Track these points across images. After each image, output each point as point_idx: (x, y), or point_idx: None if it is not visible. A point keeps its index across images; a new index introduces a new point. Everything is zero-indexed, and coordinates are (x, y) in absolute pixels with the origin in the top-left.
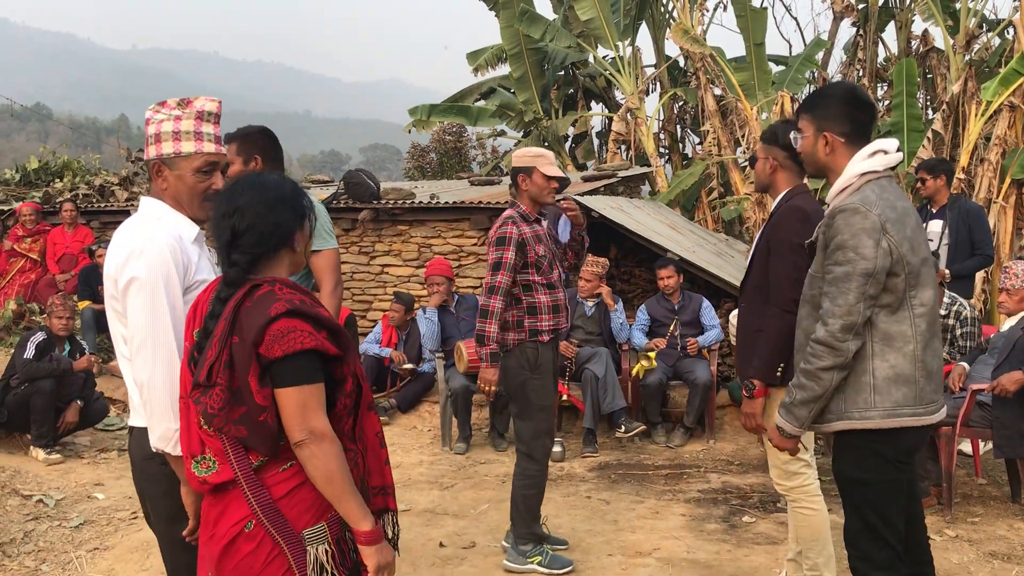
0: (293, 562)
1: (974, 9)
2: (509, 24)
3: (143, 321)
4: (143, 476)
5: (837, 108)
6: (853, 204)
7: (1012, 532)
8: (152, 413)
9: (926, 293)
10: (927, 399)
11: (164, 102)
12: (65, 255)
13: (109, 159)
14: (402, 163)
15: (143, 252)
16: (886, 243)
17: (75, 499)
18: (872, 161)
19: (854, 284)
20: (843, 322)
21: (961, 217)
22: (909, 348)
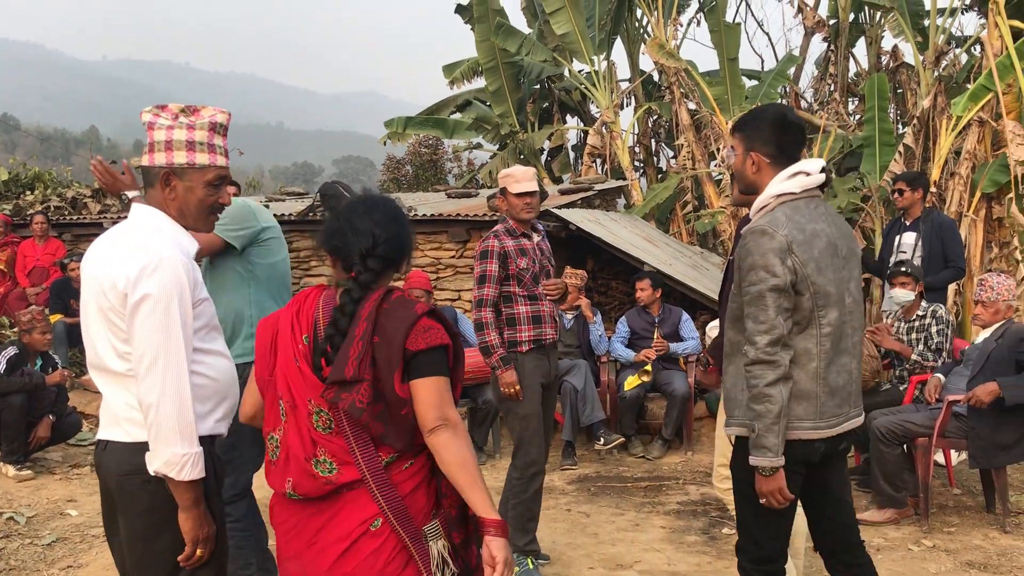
0: (419, 559)
1: (942, 26)
2: (485, 38)
3: (155, 341)
4: (120, 492)
5: (765, 130)
6: (761, 226)
7: (988, 541)
8: (158, 436)
9: (833, 313)
10: (829, 414)
11: (164, 106)
12: (36, 268)
13: (80, 171)
14: (376, 175)
15: (157, 269)
16: (791, 262)
17: (47, 516)
18: (790, 183)
19: (769, 300)
20: (769, 337)
21: (934, 230)
22: (812, 365)
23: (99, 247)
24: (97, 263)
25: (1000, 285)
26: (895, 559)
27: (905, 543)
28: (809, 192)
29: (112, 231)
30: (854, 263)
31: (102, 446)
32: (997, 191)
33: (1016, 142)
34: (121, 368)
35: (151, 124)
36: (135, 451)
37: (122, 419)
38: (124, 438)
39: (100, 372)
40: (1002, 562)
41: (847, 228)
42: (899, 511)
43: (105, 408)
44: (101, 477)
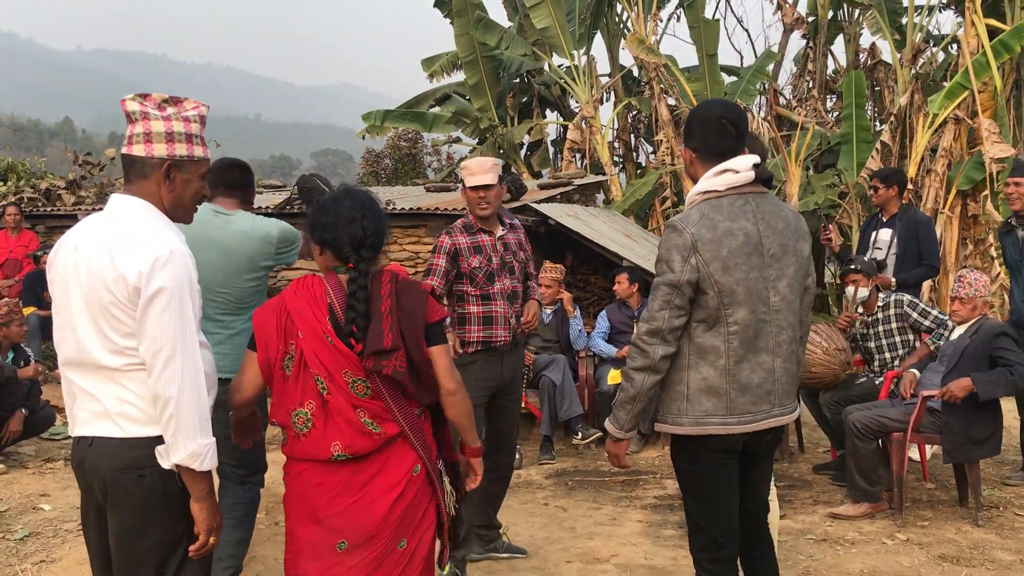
0: (441, 494)
1: (920, 24)
2: (464, 31)
3: (172, 334)
4: (114, 487)
5: (694, 127)
6: (673, 222)
7: (960, 535)
8: (179, 429)
9: (741, 312)
10: (740, 410)
11: (148, 95)
12: (9, 260)
13: (54, 162)
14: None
15: (168, 262)
16: (694, 260)
17: (19, 510)
18: (715, 180)
19: (660, 293)
20: (648, 327)
21: (910, 228)
22: (721, 362)
23: (82, 239)
24: (89, 256)
25: (977, 281)
26: (869, 552)
27: (879, 537)
28: (737, 189)
29: (89, 223)
30: (788, 261)
31: (87, 442)
32: (972, 188)
33: (991, 140)
34: (115, 363)
35: (144, 114)
36: (130, 447)
37: (114, 414)
38: (117, 433)
39: (82, 368)
40: (974, 555)
41: (791, 224)
42: (873, 505)
43: (86, 404)
44: (84, 473)
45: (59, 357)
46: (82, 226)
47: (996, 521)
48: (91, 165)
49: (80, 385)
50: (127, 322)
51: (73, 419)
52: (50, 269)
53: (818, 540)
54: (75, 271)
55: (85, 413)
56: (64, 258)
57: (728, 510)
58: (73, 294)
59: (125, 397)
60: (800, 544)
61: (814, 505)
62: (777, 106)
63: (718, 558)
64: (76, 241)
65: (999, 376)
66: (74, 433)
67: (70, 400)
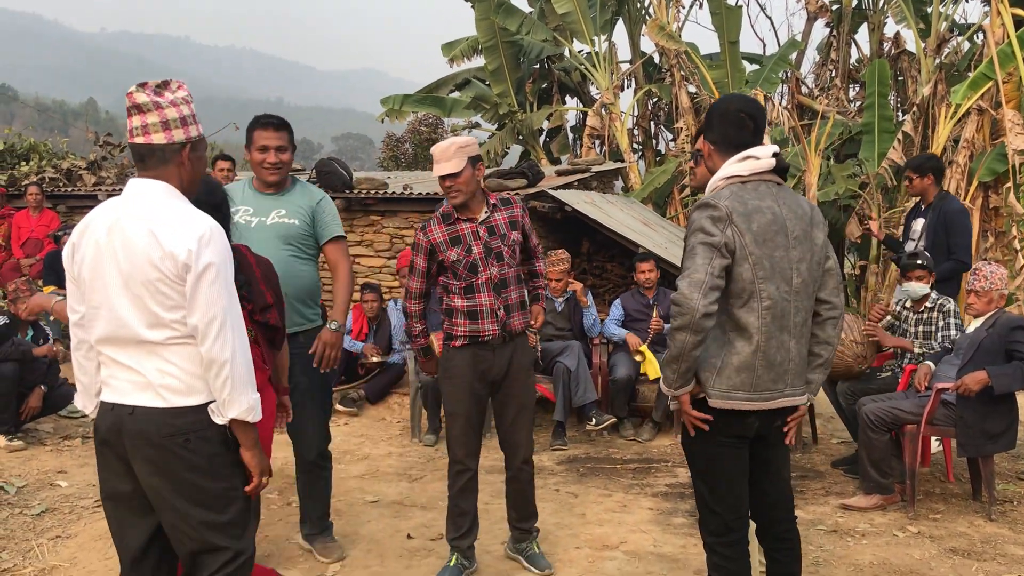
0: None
1: (945, 13)
2: (485, 16)
3: (222, 304)
4: (162, 452)
5: (715, 120)
6: (705, 199)
7: (973, 529)
8: (235, 388)
9: (771, 288)
10: (763, 387)
11: (146, 84)
12: (30, 239)
13: (76, 143)
14: (375, 153)
15: (211, 238)
16: (730, 231)
17: (37, 486)
18: (739, 166)
19: (700, 251)
20: (689, 280)
21: (939, 218)
22: (756, 339)
23: (113, 221)
24: (128, 237)
25: (993, 275)
26: (879, 544)
27: (890, 529)
28: (760, 176)
29: (113, 206)
30: (807, 247)
31: (126, 410)
32: (994, 180)
33: (1015, 131)
34: (157, 337)
35: (156, 104)
36: (175, 415)
37: (157, 385)
38: (160, 403)
39: (118, 343)
40: (986, 549)
41: (808, 213)
42: (886, 497)
43: (122, 374)
44: (122, 437)
45: (89, 334)
46: (105, 209)
47: (1009, 516)
48: (112, 146)
49: (117, 359)
50: (173, 297)
51: (102, 387)
52: (75, 252)
53: (828, 531)
54: (110, 252)
55: (122, 383)
56: (94, 240)
57: (738, 493)
58: (108, 273)
59: (166, 369)
60: (810, 535)
61: (826, 496)
62: (799, 95)
63: (729, 541)
64: (105, 223)
65: (1015, 370)
66: (107, 399)
67: (95, 368)
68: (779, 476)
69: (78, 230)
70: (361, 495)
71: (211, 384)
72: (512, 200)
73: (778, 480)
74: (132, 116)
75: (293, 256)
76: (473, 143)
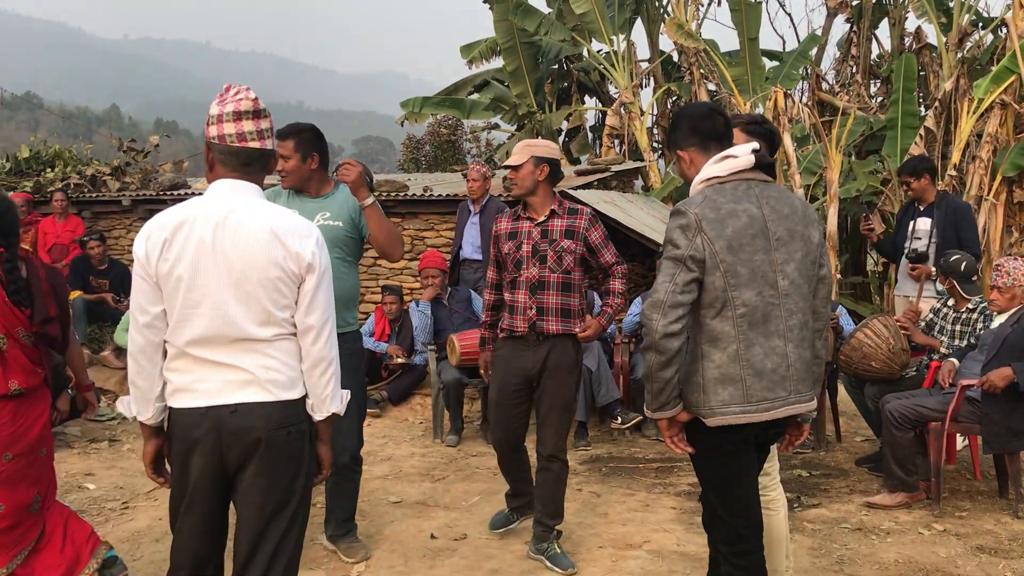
0: None
1: (967, 6)
2: (503, 17)
3: (330, 303)
4: (269, 445)
5: (684, 128)
6: (677, 206)
7: (999, 526)
8: (337, 384)
9: (747, 294)
10: (756, 397)
11: (235, 88)
12: (56, 245)
13: (101, 149)
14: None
15: (321, 241)
16: (699, 240)
17: (65, 489)
18: (717, 166)
19: (665, 266)
20: (651, 300)
21: (948, 215)
22: (732, 348)
23: (220, 221)
24: (246, 236)
25: (1016, 270)
26: (904, 543)
27: (916, 527)
28: (740, 175)
29: (209, 206)
30: (796, 246)
31: (227, 410)
32: (1018, 175)
33: None
34: (265, 334)
35: (257, 112)
36: (281, 408)
37: (264, 381)
38: (268, 398)
39: (216, 343)
40: (1013, 547)
41: (798, 211)
42: (911, 495)
43: (216, 375)
44: (222, 437)
45: (176, 336)
46: (203, 207)
47: None
48: (135, 152)
49: (210, 358)
50: (287, 295)
51: (180, 392)
52: (165, 250)
53: (853, 529)
54: (219, 250)
55: (216, 384)
56: (197, 238)
57: (748, 501)
58: (215, 271)
59: (270, 365)
60: (835, 533)
61: (850, 494)
62: (820, 91)
63: (743, 550)
64: (210, 222)
65: None
66: (194, 405)
67: (158, 373)
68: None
69: (167, 227)
70: (384, 495)
71: (315, 381)
72: (580, 211)
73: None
74: (242, 120)
75: (338, 259)
76: (545, 145)
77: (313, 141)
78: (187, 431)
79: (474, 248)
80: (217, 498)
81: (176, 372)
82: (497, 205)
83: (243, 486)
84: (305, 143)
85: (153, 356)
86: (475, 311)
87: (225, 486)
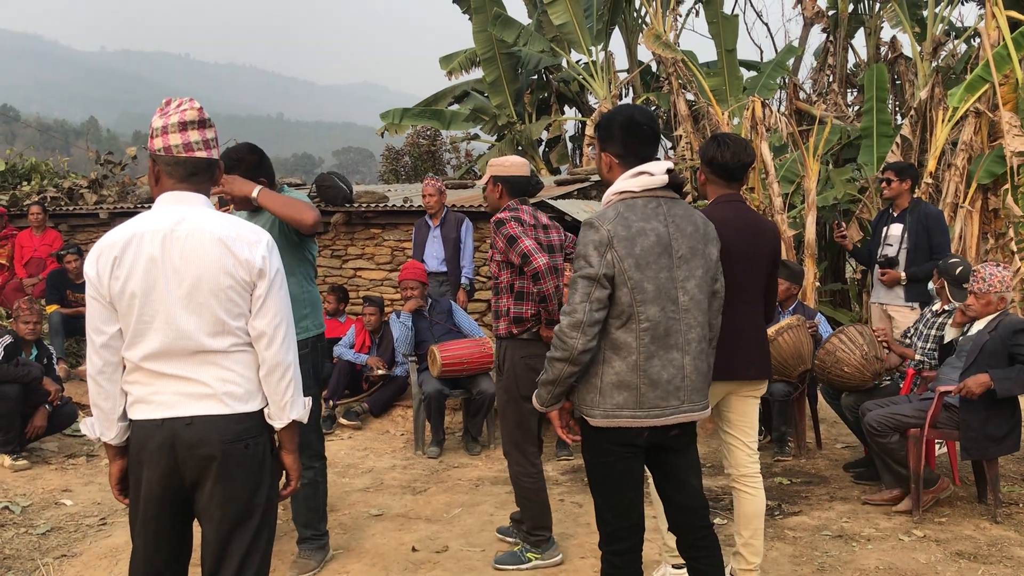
0: None
1: (940, 16)
2: (482, 28)
3: (285, 308)
4: (225, 458)
5: (614, 131)
6: (590, 219)
7: (978, 532)
8: (297, 389)
9: (652, 310)
10: (648, 404)
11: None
12: (33, 259)
13: (78, 162)
14: (376, 166)
15: (272, 246)
16: (610, 256)
17: (42, 505)
18: (631, 181)
19: (580, 286)
20: (570, 319)
21: (920, 221)
22: (632, 358)
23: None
24: (194, 247)
25: (993, 276)
26: (885, 549)
27: (895, 533)
28: (652, 192)
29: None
30: (697, 264)
31: (182, 422)
32: (993, 182)
33: (1012, 133)
34: (220, 345)
35: (203, 122)
36: (236, 421)
37: (220, 394)
38: (223, 411)
39: (172, 356)
40: (992, 552)
41: (700, 229)
42: (905, 492)
43: (172, 387)
44: (176, 450)
45: (132, 352)
46: (149, 223)
47: (1015, 518)
48: (112, 164)
49: (167, 372)
50: (240, 304)
51: (137, 404)
52: (115, 268)
53: (834, 536)
54: (169, 263)
55: (171, 396)
56: (146, 254)
57: (629, 503)
58: (163, 287)
59: (227, 377)
60: (816, 540)
61: (831, 501)
62: (797, 100)
63: (619, 550)
64: (156, 236)
65: (1018, 373)
66: (151, 416)
67: (119, 393)
68: (684, 483)
69: (116, 246)
70: (365, 508)
71: (272, 388)
72: (493, 220)
73: (684, 487)
74: (188, 131)
75: None
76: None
77: (256, 166)
78: (143, 441)
79: (439, 261)
80: (173, 513)
81: (134, 384)
82: (456, 217)
83: (202, 501)
84: (250, 172)
85: (113, 376)
86: (456, 322)
87: (183, 501)
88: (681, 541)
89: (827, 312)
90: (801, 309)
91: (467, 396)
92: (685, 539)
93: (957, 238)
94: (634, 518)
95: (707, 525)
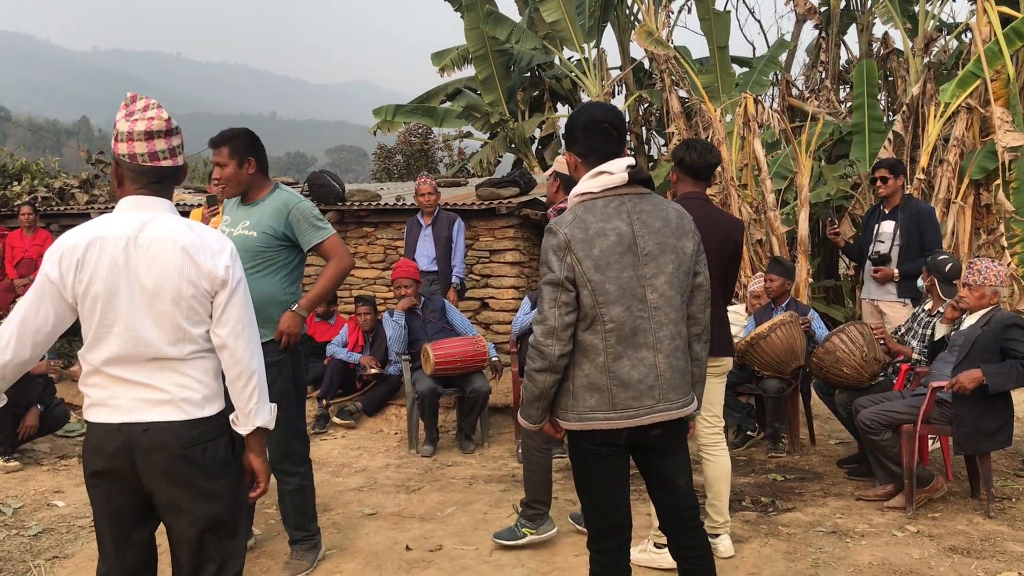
0: None
1: (932, 12)
2: (474, 26)
3: (248, 315)
4: (183, 463)
5: (576, 132)
6: (551, 224)
7: (972, 527)
8: (261, 395)
9: (616, 310)
10: (621, 405)
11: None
12: (23, 259)
13: (69, 162)
14: (368, 165)
15: (236, 254)
16: (569, 259)
17: (34, 507)
18: (591, 182)
19: (546, 293)
20: (543, 327)
21: (912, 218)
22: (600, 360)
23: (129, 240)
24: (156, 255)
25: (988, 270)
26: (878, 544)
27: (889, 529)
28: (614, 191)
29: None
30: (667, 259)
31: (139, 428)
32: (985, 177)
33: (1004, 129)
34: (179, 353)
35: (171, 130)
36: (193, 426)
37: (178, 400)
38: (180, 417)
39: (131, 361)
40: (985, 547)
41: (668, 224)
42: (898, 487)
43: (131, 393)
44: (133, 454)
45: (92, 355)
46: (111, 227)
47: (1008, 513)
48: (103, 164)
49: (125, 377)
50: (201, 312)
51: (95, 407)
52: (79, 270)
53: (828, 532)
54: (131, 269)
55: (128, 401)
56: (108, 258)
57: (612, 502)
58: (126, 293)
59: (185, 383)
60: (810, 536)
61: (824, 497)
62: (789, 97)
63: (605, 548)
64: (119, 240)
65: (1010, 368)
66: (110, 420)
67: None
68: (671, 483)
69: (79, 248)
70: (359, 507)
71: (236, 395)
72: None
73: (670, 487)
74: (155, 140)
75: (249, 269)
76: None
77: (249, 146)
78: (100, 445)
79: (429, 260)
80: (131, 520)
81: (92, 387)
82: (448, 216)
83: (163, 507)
84: (240, 148)
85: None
86: (449, 321)
87: (142, 507)
88: (671, 541)
89: (820, 308)
90: (794, 305)
91: (460, 394)
92: (674, 539)
93: (949, 234)
94: (619, 517)
95: (696, 526)
